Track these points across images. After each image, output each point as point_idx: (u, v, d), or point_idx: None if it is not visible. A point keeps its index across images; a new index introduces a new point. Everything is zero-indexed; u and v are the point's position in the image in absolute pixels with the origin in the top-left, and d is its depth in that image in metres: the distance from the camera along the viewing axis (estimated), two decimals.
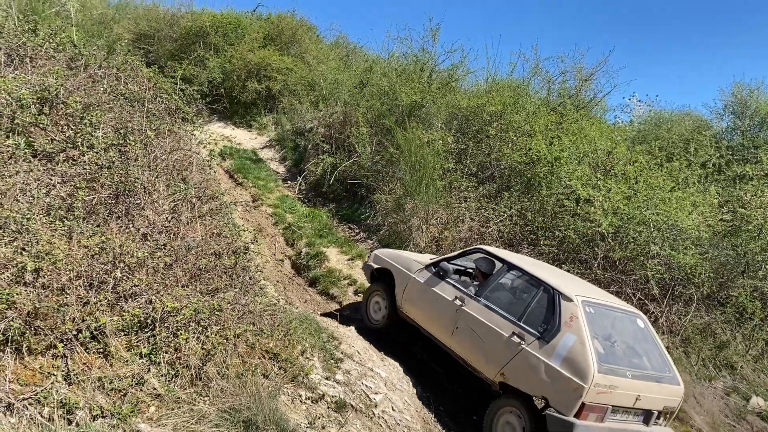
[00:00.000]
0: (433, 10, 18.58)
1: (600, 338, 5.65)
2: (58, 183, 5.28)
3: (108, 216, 5.30)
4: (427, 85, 12.17)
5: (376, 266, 7.55)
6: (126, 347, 4.14)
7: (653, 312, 8.05)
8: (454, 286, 6.59)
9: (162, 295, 4.53)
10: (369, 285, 7.76)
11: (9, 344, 3.64)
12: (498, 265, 6.54)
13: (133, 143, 6.15)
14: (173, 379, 4.15)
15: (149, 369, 4.10)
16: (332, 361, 5.58)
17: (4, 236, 4.23)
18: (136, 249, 4.74)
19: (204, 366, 4.36)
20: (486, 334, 5.99)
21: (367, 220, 11.05)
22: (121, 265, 4.52)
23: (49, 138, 5.78)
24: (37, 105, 5.97)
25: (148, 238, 5.29)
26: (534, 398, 5.58)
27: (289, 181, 13.38)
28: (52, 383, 3.63)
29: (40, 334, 3.79)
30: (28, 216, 4.44)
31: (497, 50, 29.20)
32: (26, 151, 5.41)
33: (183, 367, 4.24)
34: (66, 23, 10.88)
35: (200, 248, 5.51)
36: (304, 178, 13.10)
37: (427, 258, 7.33)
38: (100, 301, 4.17)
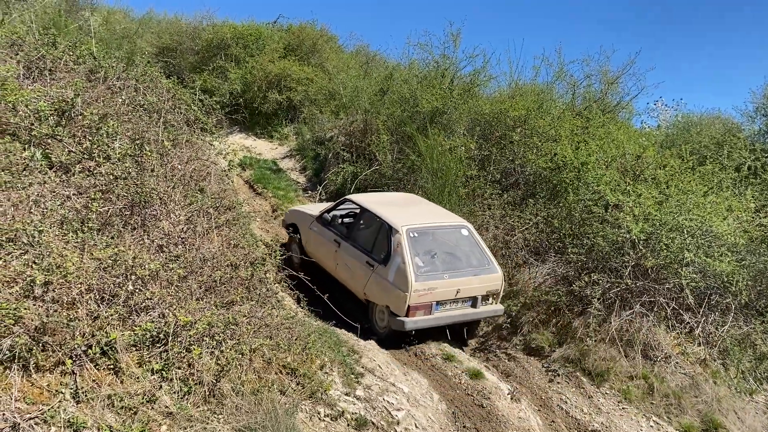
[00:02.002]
0: (454, 15, 18.43)
1: (421, 255, 7.36)
2: (73, 194, 5.19)
3: (123, 227, 5.19)
4: (449, 91, 11.97)
5: (288, 222, 9.73)
6: (137, 363, 3.99)
7: (688, 322, 7.71)
8: (333, 231, 8.51)
9: (175, 309, 4.39)
10: (288, 236, 9.66)
11: (16, 361, 3.52)
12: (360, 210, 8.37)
13: (149, 153, 6.06)
14: (186, 397, 4.00)
15: (161, 386, 3.95)
16: (352, 376, 5.39)
17: (14, 249, 4.12)
18: (149, 261, 4.61)
19: (218, 382, 4.19)
20: (353, 265, 7.91)
21: None
22: (133, 277, 4.38)
23: (66, 149, 5.71)
24: (55, 117, 5.91)
25: (164, 249, 5.17)
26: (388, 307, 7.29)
27: (309, 191, 13.27)
28: (59, 402, 3.50)
29: (48, 350, 3.66)
30: (41, 228, 4.34)
31: (520, 54, 28.70)
32: (42, 162, 5.34)
33: (196, 384, 4.09)
34: (87, 37, 10.95)
35: (216, 259, 5.36)
36: (324, 188, 12.98)
37: (318, 210, 9.17)
38: (111, 315, 4.04)
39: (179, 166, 6.71)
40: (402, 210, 8.24)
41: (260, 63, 17.41)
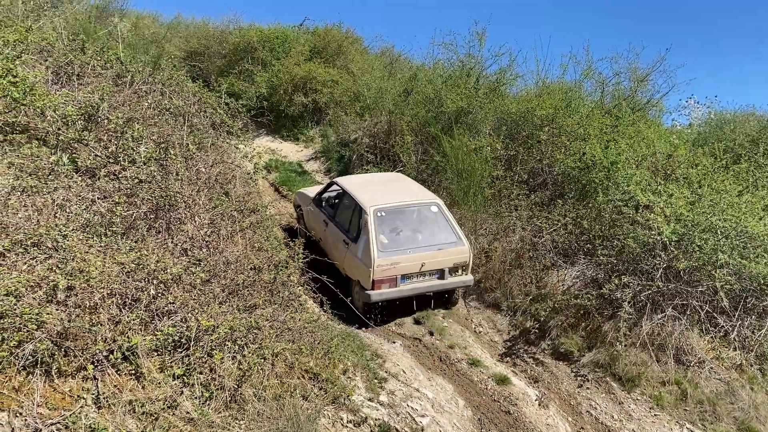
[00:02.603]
0: (479, 14, 18.25)
1: (386, 233, 7.88)
2: (98, 198, 5.22)
3: (147, 231, 5.21)
4: (474, 91, 11.83)
5: (296, 203, 10.87)
6: (159, 368, 3.98)
7: (723, 326, 7.47)
8: (323, 211, 9.31)
9: (197, 313, 4.38)
10: (296, 215, 10.77)
11: (38, 366, 3.53)
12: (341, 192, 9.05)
13: (174, 157, 6.08)
14: (207, 402, 3.98)
15: (182, 391, 3.94)
16: (376, 381, 5.33)
17: (39, 254, 4.15)
18: (171, 265, 4.61)
19: (240, 387, 4.17)
20: (335, 242, 8.58)
21: None
22: (156, 281, 4.38)
23: (91, 153, 5.76)
24: (82, 121, 5.97)
25: (188, 252, 5.17)
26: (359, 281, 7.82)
27: None
28: (81, 407, 3.50)
29: (70, 355, 3.67)
30: (65, 233, 4.37)
31: (547, 52, 28.22)
32: (68, 167, 5.39)
33: (218, 389, 4.06)
34: (115, 42, 11.10)
35: (239, 263, 5.35)
36: None
37: (313, 192, 10.08)
38: (133, 320, 4.04)
39: (204, 170, 6.73)
40: (378, 190, 8.81)
41: (286, 66, 17.47)
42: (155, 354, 4.04)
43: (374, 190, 8.81)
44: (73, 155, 5.58)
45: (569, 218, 9.03)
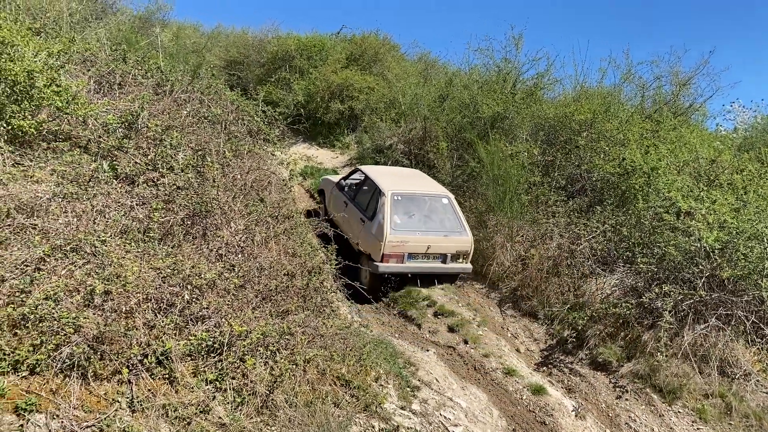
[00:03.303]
0: (515, 18, 18.10)
1: (400, 214, 8.79)
2: (136, 204, 5.32)
3: (184, 237, 5.28)
4: (511, 96, 11.72)
5: (319, 188, 11.80)
6: (192, 373, 4.02)
7: None
8: (345, 194, 10.24)
9: (230, 318, 4.41)
10: (318, 198, 11.80)
11: (75, 369, 3.60)
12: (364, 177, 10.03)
13: (211, 164, 6.17)
14: (239, 408, 4.00)
15: (215, 396, 3.96)
16: (408, 389, 5.28)
17: (78, 259, 4.25)
18: (206, 270, 4.67)
19: (271, 393, 4.17)
20: (353, 221, 9.44)
21: None
22: (190, 287, 4.44)
23: (131, 161, 5.88)
24: (123, 129, 6.11)
25: (223, 258, 5.22)
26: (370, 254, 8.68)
27: None
28: (116, 411, 3.56)
29: (106, 359, 3.74)
30: (103, 238, 4.46)
31: (585, 56, 28.00)
32: (108, 174, 5.51)
33: (250, 395, 4.08)
34: (156, 52, 11.36)
35: (273, 269, 5.39)
36: None
37: (337, 178, 11.23)
38: (167, 324, 4.09)
39: (240, 177, 6.80)
40: (398, 179, 9.78)
41: (323, 74, 17.62)
42: (189, 359, 4.08)
43: (394, 178, 9.80)
44: (113, 162, 5.71)
45: (608, 225, 8.84)
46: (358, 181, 10.32)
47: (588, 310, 7.91)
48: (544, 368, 7.59)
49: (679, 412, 6.67)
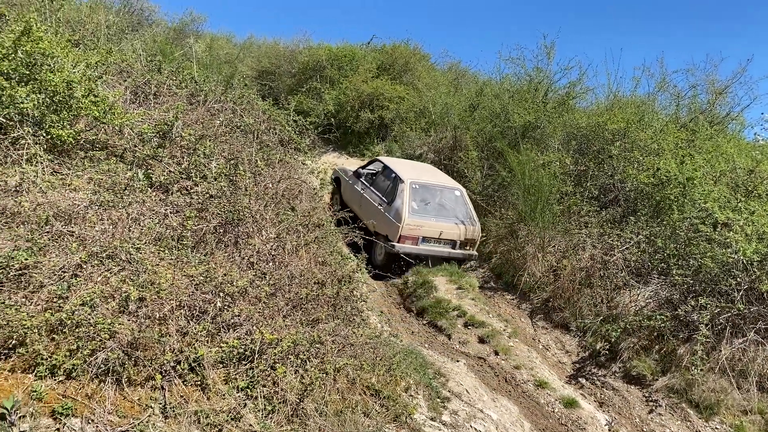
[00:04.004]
0: (547, 27, 18.01)
1: (417, 201, 9.67)
2: (170, 213, 5.40)
3: (216, 245, 5.34)
4: (542, 105, 11.63)
5: (334, 177, 12.25)
6: (223, 380, 4.05)
7: None
8: (361, 182, 11.04)
9: (262, 326, 4.44)
10: (333, 186, 12.28)
11: (110, 375, 3.65)
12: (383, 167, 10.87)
13: (243, 173, 6.23)
14: (270, 415, 4.00)
15: (246, 404, 3.98)
16: (438, 399, 5.23)
17: (113, 266, 4.32)
18: (238, 278, 4.70)
19: (302, 402, 4.17)
20: (370, 206, 10.32)
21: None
22: (222, 294, 4.48)
23: (165, 170, 5.98)
24: (158, 138, 6.22)
25: (254, 266, 5.26)
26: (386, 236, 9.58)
27: None
28: (149, 416, 3.59)
29: (140, 365, 3.78)
30: (138, 246, 4.53)
31: (618, 65, 27.70)
32: (143, 182, 5.60)
33: (280, 403, 4.09)
34: (190, 62, 11.57)
35: (303, 277, 5.40)
36: None
37: (353, 167, 12.22)
38: (200, 331, 4.13)
39: (271, 185, 6.86)
40: (415, 170, 10.71)
41: (354, 83, 17.72)
42: (220, 366, 4.10)
43: (412, 169, 10.74)
44: (148, 171, 5.81)
45: (642, 236, 8.68)
46: (375, 170, 11.11)
47: (621, 322, 7.75)
48: (577, 381, 7.46)
49: (716, 428, 6.50)
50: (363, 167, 11.61)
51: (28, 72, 5.29)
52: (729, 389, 6.73)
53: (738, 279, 7.23)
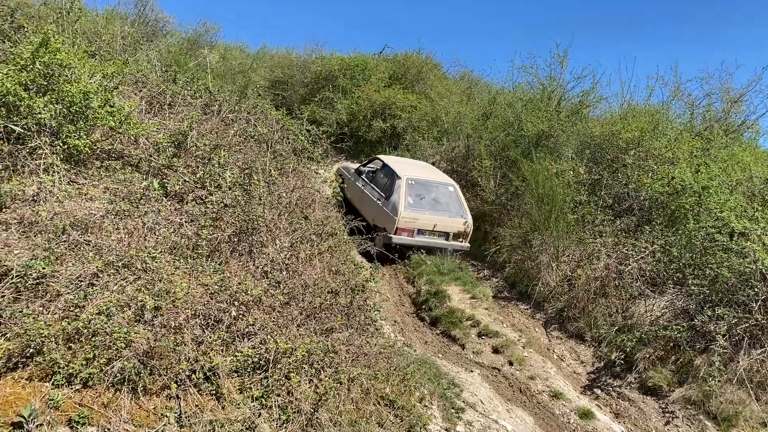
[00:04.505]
0: (560, 35, 17.98)
1: (413, 196, 10.39)
2: (185, 222, 5.43)
3: (230, 254, 5.36)
4: (555, 114, 11.59)
5: (338, 174, 12.50)
6: (238, 389, 4.05)
7: None
8: (362, 179, 11.76)
9: (276, 335, 4.44)
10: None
11: (126, 383, 3.66)
12: (382, 164, 11.60)
13: (257, 182, 6.26)
14: (284, 425, 3.99)
15: (260, 413, 3.97)
16: (453, 410, 5.20)
17: (129, 275, 4.34)
18: (252, 287, 4.71)
19: (316, 411, 4.16)
20: (369, 201, 10.99)
21: (491, 257, 10.57)
22: (237, 303, 4.48)
23: (180, 179, 6.02)
24: (172, 148, 6.26)
25: (268, 275, 5.27)
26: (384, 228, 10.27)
27: None
28: (164, 425, 3.59)
29: (155, 374, 3.79)
30: (154, 255, 4.55)
31: (632, 74, 27.68)
32: (158, 191, 5.64)
33: (294, 413, 4.08)
34: (205, 73, 11.66)
35: (317, 286, 5.40)
36: None
37: (354, 166, 12.96)
38: (215, 341, 4.14)
39: (285, 194, 6.88)
40: (412, 168, 11.47)
41: (366, 92, 17.77)
42: (235, 375, 4.10)
43: (408, 166, 11.47)
44: (163, 180, 5.85)
45: (657, 245, 8.61)
46: (375, 168, 11.90)
47: (637, 332, 7.68)
48: (592, 392, 7.39)
49: None
50: (363, 165, 12.39)
51: (45, 83, 5.35)
52: (747, 401, 6.63)
53: (756, 289, 7.14)
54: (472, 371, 6.66)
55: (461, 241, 10.62)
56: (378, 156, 12.32)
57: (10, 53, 5.75)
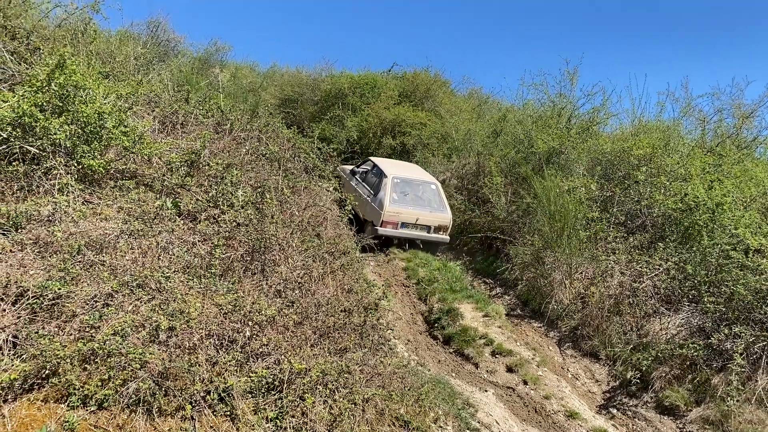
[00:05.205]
0: (569, 53, 18.01)
1: (398, 193, 11.53)
2: (198, 241, 5.44)
3: (243, 273, 5.35)
4: (566, 131, 11.57)
5: (335, 174, 12.51)
6: (252, 410, 4.02)
7: None
8: (356, 179, 12.68)
9: (290, 355, 4.41)
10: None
11: (141, 405, 3.64)
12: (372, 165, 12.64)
13: (270, 201, 6.27)
14: None
15: None
16: (468, 431, 5.13)
17: (144, 295, 4.34)
18: (266, 306, 4.70)
19: None
20: (361, 198, 11.73)
21: (504, 274, 10.49)
22: (251, 323, 4.47)
23: (193, 198, 6.04)
24: (185, 167, 6.29)
25: (281, 294, 5.26)
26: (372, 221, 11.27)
27: None
28: None
29: (170, 395, 3.77)
30: (167, 274, 4.55)
31: (642, 90, 27.57)
32: (171, 211, 5.66)
33: None
34: (216, 92, 11.75)
35: (330, 305, 5.38)
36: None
37: (350, 167, 13.77)
38: (229, 361, 4.11)
39: (297, 213, 6.89)
40: (398, 168, 12.55)
41: (375, 110, 17.85)
42: (249, 396, 4.08)
43: (395, 167, 12.52)
44: (177, 200, 5.87)
45: (671, 262, 8.53)
46: (367, 168, 12.86)
47: (652, 350, 7.59)
48: (607, 411, 7.29)
49: None
50: (357, 166, 13.40)
51: (61, 104, 5.40)
52: (766, 421, 6.52)
53: None
54: (486, 391, 6.59)
55: (441, 234, 11.61)
56: (370, 158, 13.51)
57: (27, 75, 5.82)
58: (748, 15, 43.90)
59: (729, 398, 6.64)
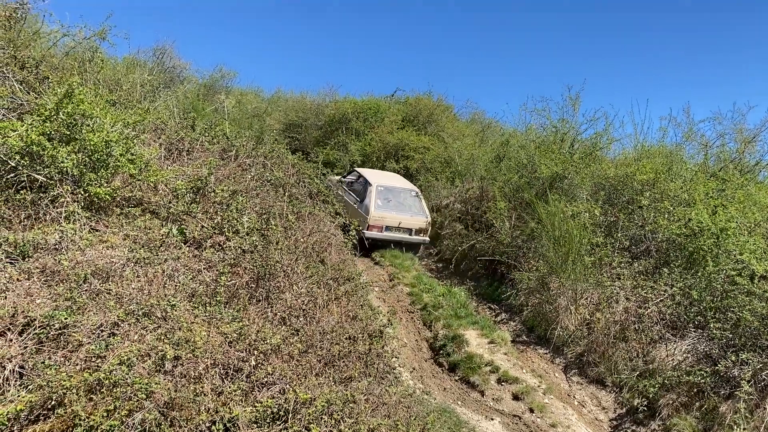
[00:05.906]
0: (571, 79, 18.13)
1: (381, 199, 12.67)
2: (203, 268, 5.45)
3: (249, 300, 5.35)
4: (569, 156, 11.62)
5: (326, 185, 13.15)
6: None
7: None
8: (343, 188, 13.64)
9: (295, 384, 4.39)
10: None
11: None
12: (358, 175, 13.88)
13: (275, 227, 6.29)
14: None
15: None
16: None
17: (149, 323, 4.34)
18: (271, 335, 4.68)
19: None
20: (348, 206, 12.60)
21: (509, 300, 10.45)
22: (256, 352, 4.45)
23: (198, 225, 6.06)
24: (191, 194, 6.32)
25: (286, 321, 5.25)
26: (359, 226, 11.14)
27: (425, 259, 13.27)
28: None
29: (176, 425, 3.75)
30: (173, 303, 4.55)
31: (644, 115, 27.77)
32: (177, 238, 5.68)
33: None
34: (221, 118, 11.85)
35: (335, 332, 5.36)
36: (440, 256, 13.10)
37: (337, 177, 14.75)
38: (234, 391, 4.09)
39: (302, 239, 6.90)
40: (382, 177, 13.80)
41: (379, 134, 17.97)
42: (255, 426, 4.04)
43: (379, 176, 13.79)
44: (182, 227, 5.89)
45: (677, 288, 8.50)
46: (353, 178, 14.00)
47: (659, 377, 7.54)
48: None
49: None
50: (344, 176, 14.53)
51: (68, 132, 5.45)
52: None
53: None
54: (492, 419, 6.54)
55: (422, 236, 12.90)
56: (355, 168, 15.00)
57: (35, 104, 5.89)
58: (747, 41, 44.25)
59: (737, 426, 6.57)
